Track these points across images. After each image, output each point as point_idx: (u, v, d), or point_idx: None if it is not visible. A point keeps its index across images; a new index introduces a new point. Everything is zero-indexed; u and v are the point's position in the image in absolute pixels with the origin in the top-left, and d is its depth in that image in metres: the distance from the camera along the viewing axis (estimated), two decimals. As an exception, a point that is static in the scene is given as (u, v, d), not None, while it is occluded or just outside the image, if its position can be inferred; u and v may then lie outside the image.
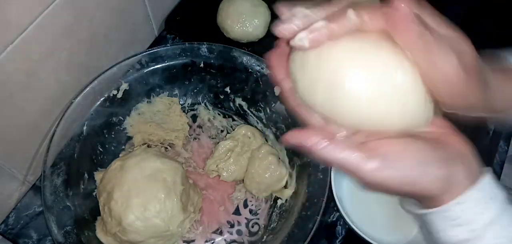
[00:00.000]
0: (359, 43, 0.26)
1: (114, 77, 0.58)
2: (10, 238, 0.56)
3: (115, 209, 0.49)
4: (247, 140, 0.59)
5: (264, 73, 0.60)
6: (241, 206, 0.58)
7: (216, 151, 0.59)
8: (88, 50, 0.59)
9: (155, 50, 0.60)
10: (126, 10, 0.64)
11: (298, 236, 0.48)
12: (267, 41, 0.73)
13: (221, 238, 0.55)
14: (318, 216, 0.48)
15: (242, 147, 0.59)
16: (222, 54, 0.61)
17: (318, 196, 0.50)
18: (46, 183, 0.49)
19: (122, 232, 0.48)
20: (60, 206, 0.49)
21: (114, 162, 0.53)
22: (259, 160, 0.56)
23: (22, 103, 0.52)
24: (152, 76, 0.61)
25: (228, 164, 0.58)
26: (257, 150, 0.57)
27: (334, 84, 0.26)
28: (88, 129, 0.56)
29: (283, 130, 0.60)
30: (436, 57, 0.25)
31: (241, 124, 0.63)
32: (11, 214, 0.57)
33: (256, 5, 0.73)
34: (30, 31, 0.48)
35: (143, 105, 0.62)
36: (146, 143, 0.61)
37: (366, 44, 0.26)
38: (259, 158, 0.56)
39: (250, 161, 0.57)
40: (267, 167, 0.55)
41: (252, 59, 0.60)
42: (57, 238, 0.47)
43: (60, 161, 0.52)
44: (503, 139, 0.65)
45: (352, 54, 0.26)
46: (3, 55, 0.46)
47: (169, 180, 0.51)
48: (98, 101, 0.57)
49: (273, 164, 0.55)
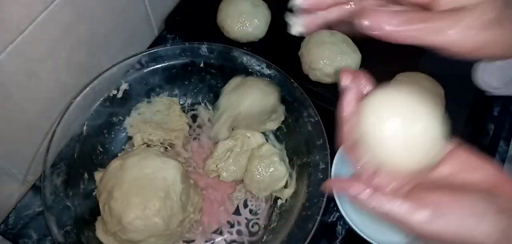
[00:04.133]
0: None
1: (114, 77, 0.58)
2: (10, 238, 0.56)
3: (115, 208, 0.48)
4: (246, 140, 0.59)
5: (264, 73, 0.60)
6: (241, 206, 0.58)
7: (215, 151, 0.59)
8: (88, 50, 0.59)
9: (155, 50, 0.60)
10: (126, 10, 0.64)
11: (298, 236, 0.48)
12: (267, 41, 0.73)
13: (221, 238, 0.55)
14: (318, 216, 0.48)
15: (241, 146, 0.59)
16: (222, 54, 0.61)
17: (318, 196, 0.50)
18: (46, 183, 0.49)
19: (122, 231, 0.48)
20: (60, 206, 0.49)
21: (114, 161, 0.53)
22: (259, 159, 0.56)
23: (22, 103, 0.52)
24: (152, 76, 0.61)
25: (228, 164, 0.58)
26: (257, 149, 0.57)
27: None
28: (88, 129, 0.56)
29: (283, 130, 0.60)
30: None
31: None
32: (11, 214, 0.57)
33: (256, 5, 0.73)
34: (30, 31, 0.48)
35: (143, 105, 0.62)
36: (146, 143, 0.61)
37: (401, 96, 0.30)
38: (259, 157, 0.56)
39: (250, 160, 0.57)
40: (267, 167, 0.55)
41: (252, 59, 0.60)
42: (57, 238, 0.47)
43: (60, 161, 0.52)
44: (503, 139, 0.65)
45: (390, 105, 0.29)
46: (3, 55, 0.46)
47: (169, 179, 0.51)
48: (98, 101, 0.57)
49: (273, 164, 0.55)
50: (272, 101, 0.57)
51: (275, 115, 0.60)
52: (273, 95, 0.57)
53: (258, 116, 0.58)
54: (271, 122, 0.60)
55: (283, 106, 0.59)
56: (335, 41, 0.67)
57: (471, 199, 0.26)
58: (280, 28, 0.74)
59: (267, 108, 0.57)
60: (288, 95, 0.58)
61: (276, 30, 0.74)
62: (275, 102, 0.58)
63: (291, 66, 0.69)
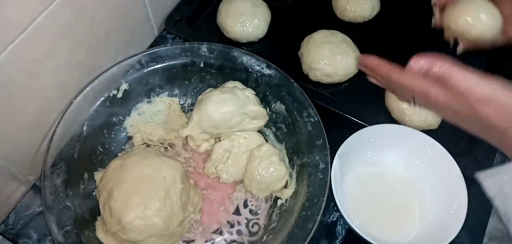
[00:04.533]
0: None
1: (114, 77, 0.58)
2: (10, 238, 0.56)
3: (115, 208, 0.48)
4: (243, 140, 0.59)
5: (264, 73, 0.60)
6: (241, 206, 0.58)
7: (213, 153, 0.59)
8: (88, 50, 0.59)
9: (155, 50, 0.60)
10: (126, 10, 0.64)
11: (298, 236, 0.48)
12: (267, 41, 0.73)
13: (221, 238, 0.55)
14: (318, 216, 0.48)
15: (239, 147, 0.59)
16: (222, 54, 0.61)
17: (318, 196, 0.50)
18: (46, 183, 0.49)
19: (122, 231, 0.48)
20: (60, 206, 0.49)
21: (114, 161, 0.53)
22: (259, 159, 0.56)
23: (22, 103, 0.52)
24: (152, 76, 0.61)
25: (227, 165, 0.58)
26: (256, 149, 0.57)
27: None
28: (88, 129, 0.56)
29: (283, 130, 0.60)
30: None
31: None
32: (11, 214, 0.57)
33: (256, 5, 0.73)
34: (30, 31, 0.48)
35: (143, 105, 0.62)
36: (146, 143, 0.61)
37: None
38: (259, 157, 0.56)
39: (250, 160, 0.57)
40: (267, 167, 0.55)
41: (252, 59, 0.60)
42: (57, 238, 0.47)
43: (60, 161, 0.52)
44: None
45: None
46: (3, 55, 0.46)
47: (169, 179, 0.51)
48: (98, 101, 0.57)
49: (273, 164, 0.55)
50: (244, 109, 0.57)
51: (257, 120, 0.59)
52: (248, 102, 0.57)
53: (226, 122, 0.57)
54: (252, 125, 0.59)
55: (283, 106, 0.59)
56: (335, 41, 0.67)
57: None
58: (280, 28, 0.75)
59: (238, 112, 0.57)
60: (288, 95, 0.58)
61: (276, 30, 0.74)
62: (250, 109, 0.57)
63: (291, 66, 0.69)
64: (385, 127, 0.58)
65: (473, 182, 0.53)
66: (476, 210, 0.52)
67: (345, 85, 0.68)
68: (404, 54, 0.43)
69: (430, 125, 0.62)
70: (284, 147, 0.60)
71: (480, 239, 0.56)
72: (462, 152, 0.59)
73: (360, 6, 0.73)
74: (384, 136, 0.58)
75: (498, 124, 0.37)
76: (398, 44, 0.71)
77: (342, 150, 0.54)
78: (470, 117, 0.39)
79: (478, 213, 0.54)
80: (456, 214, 0.51)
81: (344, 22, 0.75)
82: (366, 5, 0.73)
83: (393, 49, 0.72)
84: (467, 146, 0.61)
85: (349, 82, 0.68)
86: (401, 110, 0.62)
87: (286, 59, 0.70)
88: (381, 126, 0.58)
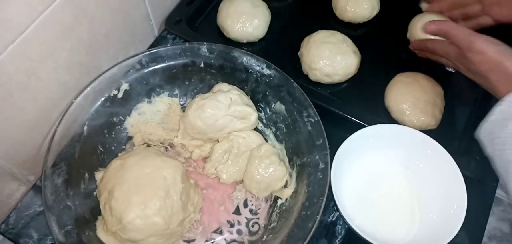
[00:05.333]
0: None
1: (115, 77, 0.58)
2: (11, 238, 0.56)
3: (116, 208, 0.49)
4: (242, 140, 0.59)
5: (264, 73, 0.60)
6: (241, 205, 0.58)
7: (213, 154, 0.59)
8: (88, 50, 0.59)
9: (155, 50, 0.60)
10: (126, 10, 0.64)
11: (298, 236, 0.48)
12: (267, 41, 0.73)
13: (221, 237, 0.55)
14: (318, 216, 0.48)
15: (239, 147, 0.59)
16: (222, 54, 0.61)
17: (318, 196, 0.50)
18: (47, 182, 0.50)
19: (123, 231, 0.49)
20: (60, 205, 0.49)
21: (114, 161, 0.54)
22: (259, 159, 0.56)
23: (22, 103, 0.52)
24: (152, 76, 0.61)
25: (227, 166, 0.58)
26: (256, 149, 0.57)
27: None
28: (88, 129, 0.56)
29: (283, 130, 0.60)
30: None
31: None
32: (11, 214, 0.57)
33: (256, 5, 0.73)
34: (30, 31, 0.48)
35: (143, 105, 0.62)
36: (146, 143, 0.62)
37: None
38: (259, 157, 0.56)
39: (250, 160, 0.57)
40: (267, 167, 0.55)
41: (252, 59, 0.60)
42: (58, 237, 0.47)
43: (61, 161, 0.52)
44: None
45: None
46: (3, 55, 0.46)
47: (169, 178, 0.51)
48: (98, 101, 0.57)
49: (272, 164, 0.56)
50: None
51: (246, 119, 0.59)
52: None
53: (210, 127, 0.57)
54: (242, 125, 0.59)
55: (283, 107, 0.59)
56: (335, 41, 0.67)
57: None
58: (280, 28, 0.75)
59: (220, 115, 0.57)
60: (288, 95, 0.58)
61: (276, 30, 0.74)
62: (234, 110, 0.57)
63: (291, 66, 0.69)
64: (384, 127, 0.58)
65: (473, 182, 0.53)
66: (476, 210, 0.52)
67: (345, 85, 0.68)
68: (404, 54, 0.43)
69: (430, 125, 0.62)
70: (284, 147, 0.60)
71: (480, 239, 0.56)
72: (462, 152, 0.59)
73: (360, 6, 0.73)
74: (384, 136, 0.58)
75: (482, 71, 0.50)
76: (398, 44, 0.71)
77: (342, 150, 0.55)
78: (470, 67, 0.53)
79: (478, 213, 0.54)
80: (456, 214, 0.51)
81: (344, 22, 0.75)
82: (366, 5, 0.73)
83: (393, 49, 0.73)
84: (467, 146, 0.61)
85: (349, 82, 0.68)
86: (400, 110, 0.62)
87: (286, 59, 0.70)
88: (380, 126, 0.58)
